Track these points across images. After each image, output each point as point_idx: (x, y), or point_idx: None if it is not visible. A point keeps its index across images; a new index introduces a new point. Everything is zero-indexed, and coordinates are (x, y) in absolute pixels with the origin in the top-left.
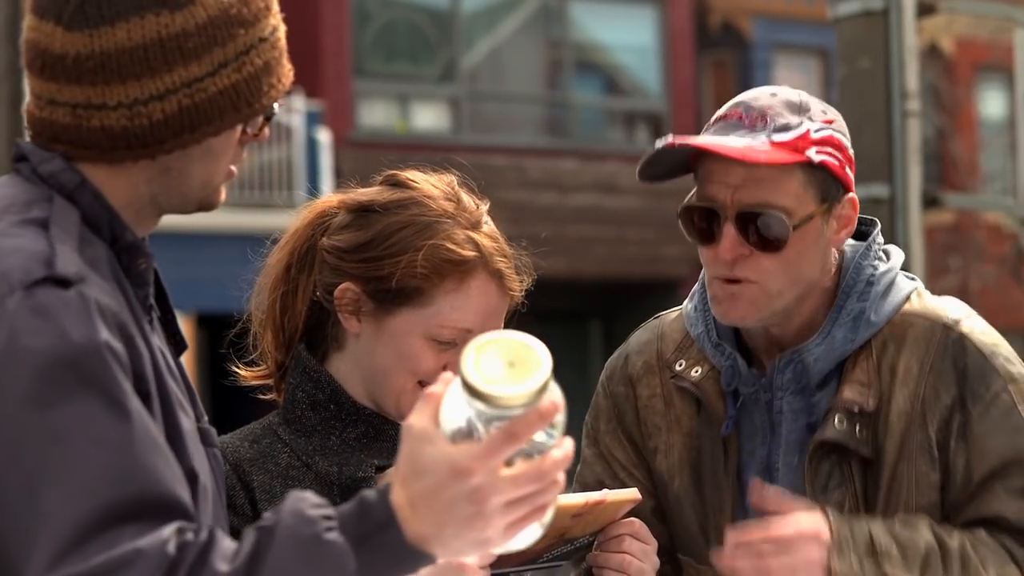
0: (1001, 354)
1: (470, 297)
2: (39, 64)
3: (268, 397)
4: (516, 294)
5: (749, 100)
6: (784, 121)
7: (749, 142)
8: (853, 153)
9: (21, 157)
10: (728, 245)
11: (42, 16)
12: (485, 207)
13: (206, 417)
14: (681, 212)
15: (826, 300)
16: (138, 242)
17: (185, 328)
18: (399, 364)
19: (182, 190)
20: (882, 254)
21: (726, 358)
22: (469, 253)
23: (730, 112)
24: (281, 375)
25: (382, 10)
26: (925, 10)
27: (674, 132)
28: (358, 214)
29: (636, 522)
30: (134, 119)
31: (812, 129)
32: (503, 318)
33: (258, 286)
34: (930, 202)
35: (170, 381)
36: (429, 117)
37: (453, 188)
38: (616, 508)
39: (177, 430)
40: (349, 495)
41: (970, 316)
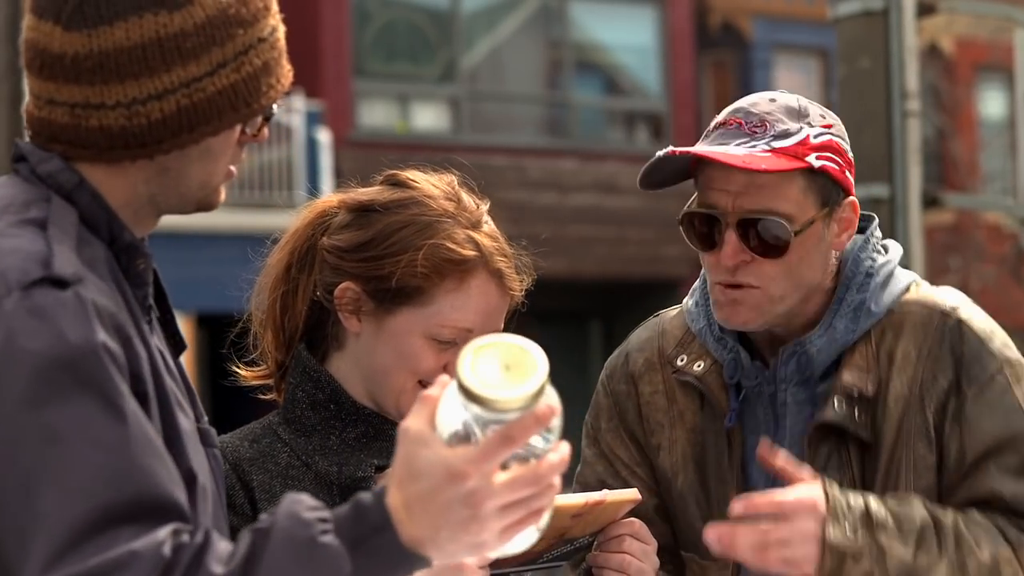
0: (998, 339)
1: (470, 297)
2: (38, 64)
3: (268, 397)
4: (516, 294)
5: (748, 106)
6: (784, 127)
7: (749, 149)
8: (853, 154)
9: (20, 157)
10: (730, 251)
11: (41, 16)
12: (485, 207)
13: (206, 417)
14: (682, 218)
15: (827, 297)
16: (136, 242)
17: (185, 328)
18: (399, 363)
19: (181, 190)
20: (880, 248)
21: (728, 351)
22: (469, 253)
23: (729, 119)
24: (281, 375)
25: (382, 10)
26: (925, 10)
27: (674, 132)
28: (358, 214)
29: (636, 522)
30: (132, 119)
31: (812, 135)
32: (503, 317)
33: (258, 286)
34: (930, 202)
35: (169, 381)
36: (429, 117)
37: (453, 188)
38: (616, 508)
39: (175, 430)
40: (349, 495)
41: (968, 304)
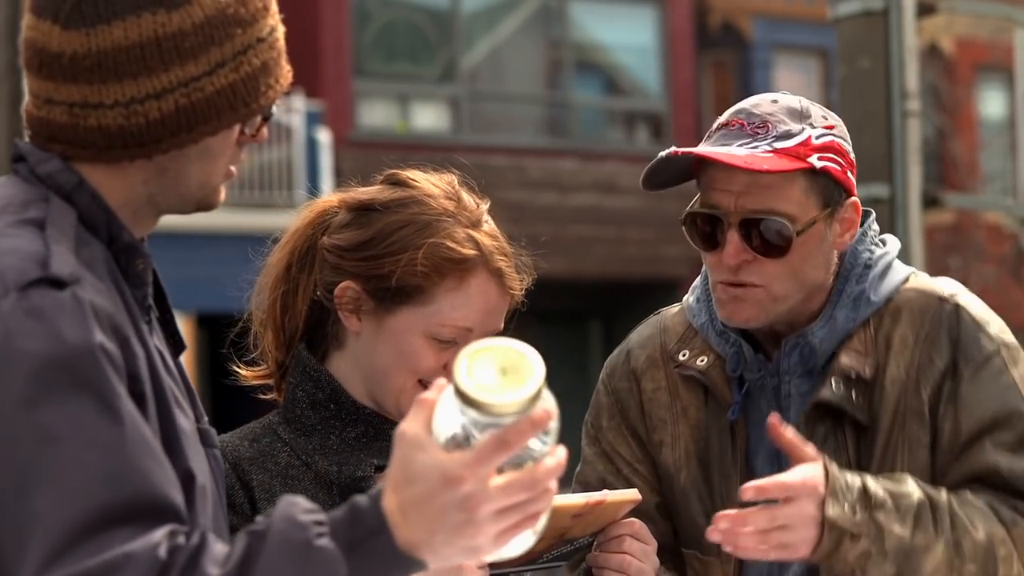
0: (995, 324)
1: (470, 296)
2: (37, 63)
3: (269, 397)
4: (516, 293)
5: (750, 107)
6: (786, 128)
7: (751, 150)
8: (854, 155)
9: (19, 157)
10: (732, 251)
11: (40, 15)
12: (485, 206)
13: (206, 418)
14: (685, 219)
15: (828, 293)
16: (135, 243)
17: (185, 328)
18: (399, 363)
19: (180, 190)
20: (878, 241)
21: (731, 345)
22: (469, 252)
23: (731, 120)
24: (282, 375)
25: (382, 10)
26: (925, 10)
27: (674, 132)
28: (358, 213)
29: (636, 522)
30: (130, 118)
31: (814, 135)
32: (503, 317)
33: (258, 285)
34: (930, 202)
35: (168, 381)
36: (429, 117)
37: (453, 187)
38: (616, 508)
39: (173, 431)
40: (348, 494)
41: (965, 292)
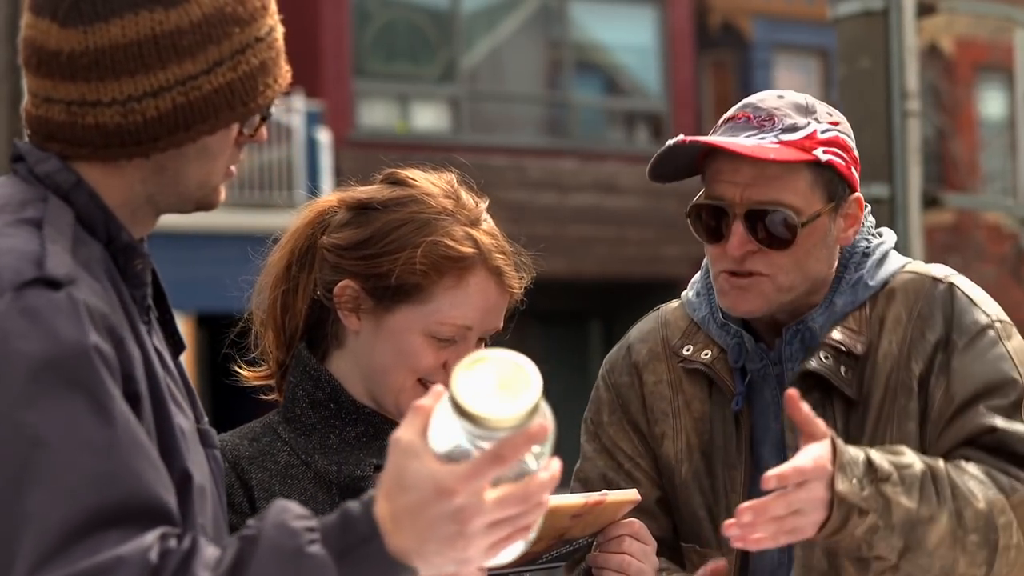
0: (990, 303)
1: (469, 294)
2: (35, 61)
3: (270, 397)
4: (515, 291)
5: (756, 102)
6: (792, 122)
7: (759, 141)
8: (857, 152)
9: (18, 157)
10: (736, 242)
11: (38, 13)
12: (484, 204)
13: (206, 418)
14: (689, 211)
15: (829, 286)
16: (134, 242)
17: (185, 328)
18: (398, 361)
19: (178, 189)
20: (875, 232)
21: (732, 336)
22: (468, 250)
23: (738, 114)
24: (282, 374)
25: (382, 10)
26: (925, 10)
27: (674, 132)
28: (357, 212)
29: (636, 523)
30: (128, 116)
31: (819, 130)
32: (503, 315)
33: (259, 285)
34: (930, 202)
35: (166, 382)
36: (429, 117)
37: (452, 186)
38: (616, 509)
39: (171, 431)
40: (348, 494)
41: (960, 275)
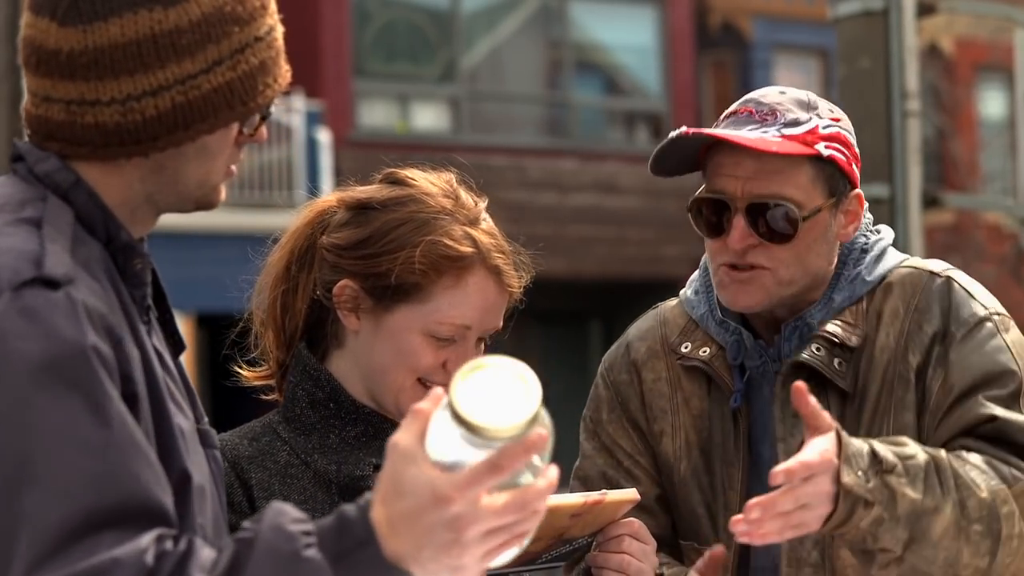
0: (988, 297)
1: (468, 293)
2: (34, 60)
3: (271, 397)
4: (515, 290)
5: (759, 97)
6: (794, 116)
7: (761, 134)
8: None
9: (18, 157)
10: (738, 236)
11: (38, 12)
12: (483, 204)
13: (206, 418)
14: (690, 205)
15: (829, 283)
16: (133, 242)
17: (185, 328)
18: (398, 361)
19: (178, 189)
20: (873, 229)
21: (731, 334)
22: (466, 249)
23: (740, 108)
24: (282, 374)
25: (382, 10)
26: (925, 10)
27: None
28: (357, 212)
29: (635, 522)
30: (127, 115)
31: (821, 125)
32: (502, 314)
33: (258, 285)
34: (930, 202)
35: (166, 382)
36: (429, 117)
37: (451, 185)
38: (615, 508)
39: (169, 430)
40: (347, 493)
41: (957, 270)
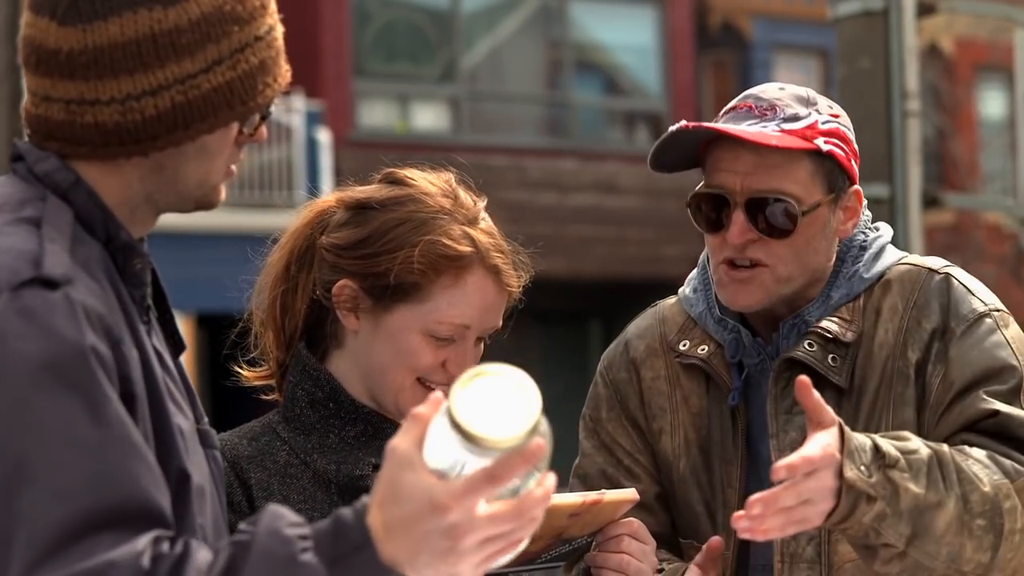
0: (987, 293)
1: (467, 293)
2: (34, 60)
3: (270, 397)
4: (514, 290)
5: (758, 93)
6: (793, 111)
7: (761, 129)
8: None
9: (18, 156)
10: (737, 231)
11: (38, 12)
12: (482, 203)
13: (206, 418)
14: (690, 201)
15: (827, 280)
16: (133, 242)
17: (185, 328)
18: (397, 361)
19: (177, 188)
20: (872, 226)
21: (729, 331)
22: (465, 249)
23: (739, 104)
24: (282, 374)
25: (382, 10)
26: (925, 10)
27: None
28: (356, 211)
29: (635, 522)
30: (126, 114)
31: (820, 120)
32: (501, 314)
33: (258, 285)
34: (930, 202)
35: (165, 382)
36: (429, 117)
37: (450, 185)
38: (614, 508)
39: (168, 430)
40: (347, 493)
41: (956, 267)
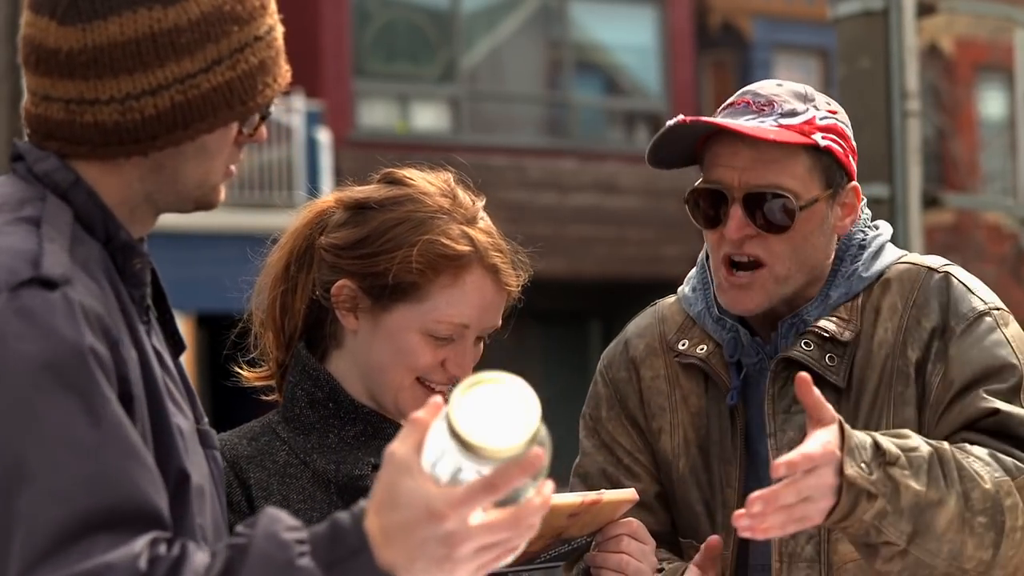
0: (987, 291)
1: (465, 292)
2: (34, 59)
3: (271, 398)
4: (513, 289)
5: (756, 89)
6: (791, 107)
7: (758, 124)
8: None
9: (17, 156)
10: (735, 226)
11: (38, 11)
12: (481, 203)
13: (206, 419)
14: (687, 197)
15: (825, 277)
16: (132, 242)
17: (185, 328)
18: (396, 360)
19: (177, 188)
20: (872, 225)
21: (728, 331)
22: (464, 248)
23: (737, 100)
24: (282, 375)
25: (382, 10)
26: (925, 10)
27: None
28: (354, 211)
29: (634, 522)
30: (126, 114)
31: (818, 116)
32: (501, 313)
33: (258, 286)
34: (930, 202)
35: (165, 382)
36: (429, 117)
37: (449, 184)
38: (613, 508)
39: (168, 430)
40: (346, 493)
41: (955, 265)
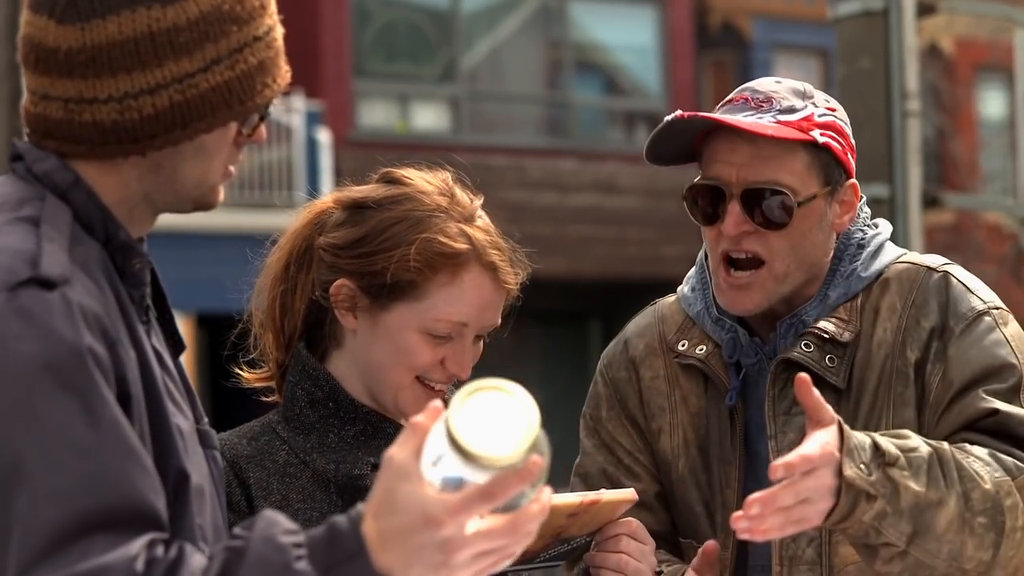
0: (986, 291)
1: (464, 290)
2: (33, 58)
3: (271, 399)
4: (511, 287)
5: (755, 85)
6: (789, 104)
7: (756, 120)
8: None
9: (17, 156)
10: (733, 222)
11: (37, 10)
12: (479, 202)
13: (206, 419)
14: (686, 193)
15: (823, 276)
16: (131, 242)
17: (185, 329)
18: (396, 359)
19: (175, 188)
20: (871, 224)
21: (727, 331)
22: (461, 246)
23: (736, 96)
24: (282, 375)
25: (382, 10)
26: (925, 10)
27: None
28: (353, 211)
29: (633, 522)
30: (124, 113)
31: (816, 113)
32: (499, 311)
33: (258, 286)
34: (930, 202)
35: (165, 382)
36: (429, 117)
37: (447, 183)
38: (613, 508)
39: (167, 430)
40: (346, 492)
41: (955, 264)
